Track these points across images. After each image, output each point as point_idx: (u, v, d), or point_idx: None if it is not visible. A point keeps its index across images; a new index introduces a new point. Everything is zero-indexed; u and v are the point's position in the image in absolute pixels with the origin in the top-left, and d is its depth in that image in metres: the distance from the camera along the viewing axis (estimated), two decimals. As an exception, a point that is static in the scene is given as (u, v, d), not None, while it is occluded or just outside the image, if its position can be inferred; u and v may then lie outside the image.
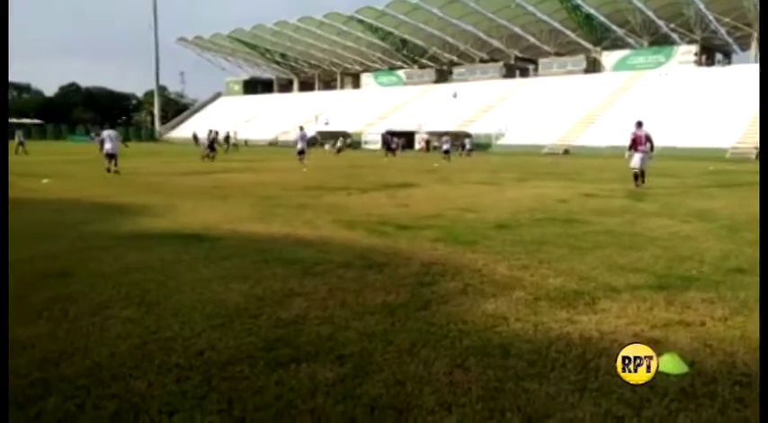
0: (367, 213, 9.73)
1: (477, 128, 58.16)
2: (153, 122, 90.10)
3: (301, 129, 28.53)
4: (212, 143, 28.78)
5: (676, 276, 5.39)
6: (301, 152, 25.61)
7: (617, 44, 67.51)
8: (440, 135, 47.28)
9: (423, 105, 69.76)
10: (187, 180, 16.66)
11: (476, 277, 5.24)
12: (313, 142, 61.18)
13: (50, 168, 20.52)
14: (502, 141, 55.15)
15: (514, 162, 31.62)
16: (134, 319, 3.96)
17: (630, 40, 66.72)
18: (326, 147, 54.97)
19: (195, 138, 59.33)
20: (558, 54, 70.83)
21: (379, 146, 44.75)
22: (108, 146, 19.36)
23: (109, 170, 18.75)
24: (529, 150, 48.39)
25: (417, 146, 57.32)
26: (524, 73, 75.18)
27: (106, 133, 20.07)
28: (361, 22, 75.03)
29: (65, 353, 3.35)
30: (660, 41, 64.24)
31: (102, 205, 10.68)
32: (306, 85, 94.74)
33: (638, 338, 3.70)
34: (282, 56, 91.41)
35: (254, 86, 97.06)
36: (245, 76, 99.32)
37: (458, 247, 6.71)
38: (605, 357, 3.37)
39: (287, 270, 5.43)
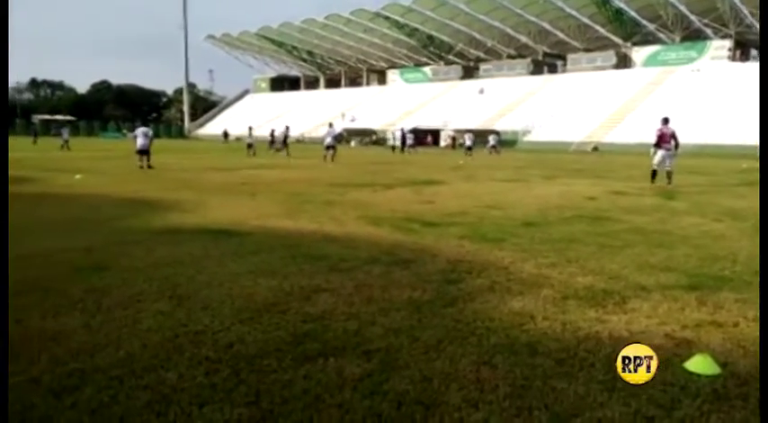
0: (392, 210, 9.74)
1: (503, 124, 57.72)
2: (182, 119, 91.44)
3: (331, 125, 29.14)
4: (285, 139, 29.84)
5: (708, 276, 5.28)
6: (330, 147, 26.06)
7: (648, 39, 66.26)
8: (463, 132, 47.14)
9: (449, 102, 69.48)
10: (216, 176, 16.88)
11: (503, 275, 5.21)
12: (339, 139, 61.65)
13: (84, 164, 20.98)
14: (529, 138, 54.65)
15: (541, 159, 31.30)
16: (165, 312, 4.04)
17: (662, 36, 65.41)
18: (352, 143, 55.17)
19: (225, 135, 60.59)
20: (587, 50, 69.83)
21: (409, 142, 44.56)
22: (139, 143, 19.93)
23: (141, 167, 19.15)
24: (556, 147, 47.85)
25: (443, 143, 57.13)
26: (552, 69, 74.31)
27: (139, 131, 20.68)
28: (387, 18, 75.04)
29: (99, 344, 3.43)
30: (693, 37, 62.84)
31: (133, 200, 10.89)
32: (332, 83, 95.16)
33: (669, 339, 3.65)
34: (309, 53, 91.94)
35: (281, 84, 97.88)
36: (273, 74, 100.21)
37: (484, 244, 6.67)
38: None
39: (314, 266, 5.47)
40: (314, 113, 76.82)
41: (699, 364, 3.15)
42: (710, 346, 3.52)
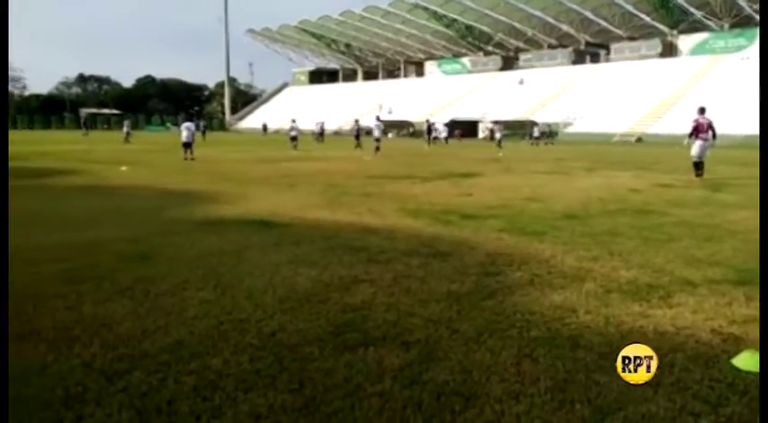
0: (430, 202, 9.72)
1: (543, 116, 56.73)
2: (223, 113, 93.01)
3: (378, 118, 30.65)
4: (358, 133, 31.03)
5: (757, 271, 5.11)
6: (377, 139, 27.60)
7: (695, 27, 63.96)
8: (499, 124, 46.59)
9: (487, 93, 68.68)
10: (256, 168, 17.14)
11: (543, 268, 5.16)
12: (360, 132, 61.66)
13: (129, 157, 21.59)
14: (570, 129, 53.60)
15: (583, 151, 30.68)
16: (210, 301, 4.15)
17: (710, 23, 63.07)
18: (390, 135, 55.14)
19: (264, 128, 61.78)
20: (631, 38, 67.93)
21: (443, 134, 44.45)
22: (184, 136, 21.08)
23: (185, 159, 19.69)
24: (598, 139, 46.79)
25: (481, 134, 56.55)
26: (595, 58, 72.50)
27: (184, 125, 22.13)
28: (425, 9, 74.50)
29: (147, 330, 3.56)
30: (742, 23, 60.32)
31: (177, 192, 11.17)
32: (370, 75, 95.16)
33: (715, 334, 3.56)
34: (347, 46, 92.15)
35: (320, 76, 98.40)
36: (311, 67, 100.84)
37: (524, 237, 6.61)
38: (681, 353, 3.26)
39: (353, 257, 5.52)
40: (352, 106, 77.03)
41: (747, 360, 3.07)
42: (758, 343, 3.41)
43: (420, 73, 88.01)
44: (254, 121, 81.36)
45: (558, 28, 71.24)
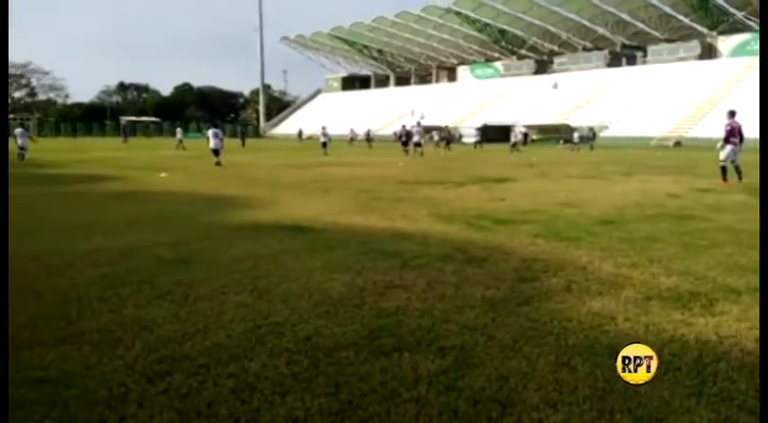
0: (464, 207, 9.68)
1: (578, 120, 55.96)
2: (258, 119, 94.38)
3: (418, 124, 31.54)
4: (407, 138, 31.55)
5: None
6: (418, 144, 28.90)
7: (736, 28, 62.25)
8: (522, 128, 46.19)
9: (520, 98, 68.10)
10: (289, 174, 17.34)
11: (580, 274, 5.08)
12: (410, 136, 61.87)
13: (168, 163, 22.07)
14: (606, 133, 52.68)
15: (619, 155, 30.12)
16: (247, 305, 4.21)
17: (751, 23, 61.27)
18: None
19: (300, 134, 62.94)
20: (668, 40, 66.50)
21: (472, 139, 44.15)
22: (211, 143, 21.17)
23: (217, 163, 20.08)
24: (635, 143, 45.88)
25: (513, 139, 56.04)
26: (631, 61, 71.22)
27: (210, 132, 22.00)
28: (458, 14, 74.40)
29: (187, 333, 3.63)
30: (788, 22, 58.41)
31: (213, 197, 11.38)
32: (402, 80, 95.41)
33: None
34: (379, 52, 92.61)
35: (353, 83, 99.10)
36: (344, 73, 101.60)
37: (560, 242, 6.52)
38: (724, 362, 3.17)
39: (386, 262, 5.53)
40: (384, 111, 77.28)
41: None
42: (810, 354, 3.29)
43: (452, 78, 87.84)
44: (287, 127, 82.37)
45: (594, 30, 70.23)
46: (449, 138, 40.74)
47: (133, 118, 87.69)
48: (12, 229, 7.45)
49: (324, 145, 31.53)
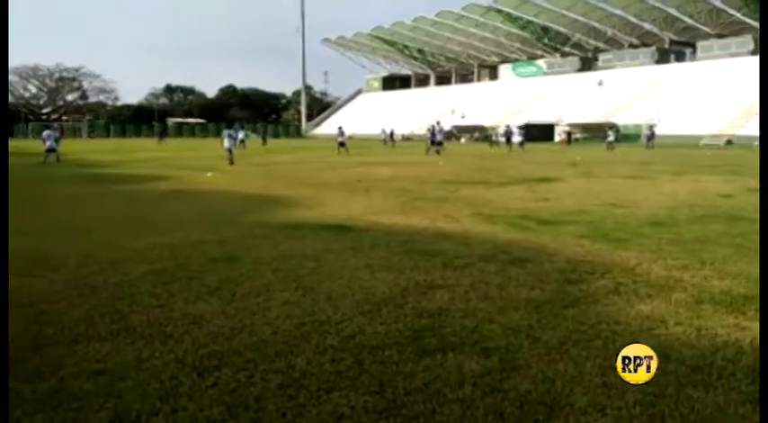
0: (506, 207, 9.57)
1: (624, 118, 54.60)
2: (299, 120, 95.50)
3: (438, 123, 32.24)
4: (509, 136, 32.75)
5: None
6: (440, 143, 29.52)
7: (794, 20, 59.55)
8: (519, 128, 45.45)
9: (564, 96, 66.85)
10: (331, 174, 17.47)
11: (628, 276, 4.96)
12: (448, 136, 61.66)
13: (214, 163, 22.54)
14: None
15: (668, 154, 29.24)
16: (292, 302, 4.28)
17: (811, 15, 58.53)
18: (462, 140, 54.80)
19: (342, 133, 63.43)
20: (719, 35, 64.13)
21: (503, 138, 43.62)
22: (225, 143, 22.55)
23: (231, 162, 20.92)
24: (684, 141, 44.43)
25: (557, 138, 55.09)
26: (680, 57, 68.96)
27: (225, 132, 23.68)
28: (500, 12, 73.51)
29: (234, 329, 3.71)
30: None
31: (258, 196, 11.58)
32: (442, 80, 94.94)
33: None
34: (420, 51, 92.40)
35: (393, 82, 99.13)
36: (384, 73, 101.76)
37: (607, 244, 6.38)
38: (784, 369, 3.04)
39: (429, 262, 5.53)
40: (424, 111, 77.07)
41: None
42: None
43: (494, 76, 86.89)
44: (328, 127, 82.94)
45: (640, 26, 68.34)
46: (508, 134, 40.49)
47: (179, 119, 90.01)
48: (67, 227, 7.77)
49: (341, 144, 32.20)
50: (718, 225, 7.64)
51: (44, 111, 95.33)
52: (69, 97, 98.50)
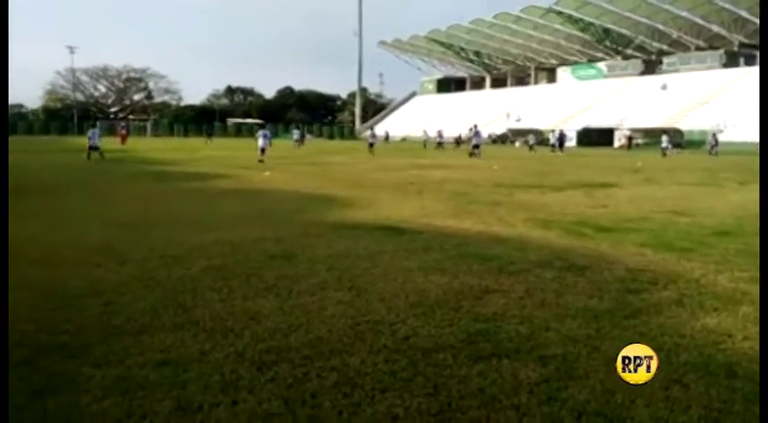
0: (562, 213, 9.38)
1: (689, 123, 52.53)
2: (353, 122, 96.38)
3: (475, 126, 33.87)
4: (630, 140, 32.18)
5: None
6: (476, 146, 30.53)
7: None
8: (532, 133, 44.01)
9: (625, 99, 64.88)
10: (384, 175, 17.56)
11: (693, 288, 4.78)
12: (504, 140, 60.94)
13: (270, 162, 23.04)
14: (721, 138, 48.99)
15: (735, 161, 27.95)
16: (346, 301, 4.33)
17: None
18: (517, 144, 53.96)
19: (387, 137, 64.22)
20: (796, 37, 60.76)
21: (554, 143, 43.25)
22: (260, 142, 24.20)
23: (260, 161, 22.19)
24: (753, 149, 42.31)
25: (617, 143, 53.49)
26: (750, 61, 65.69)
27: (260, 132, 25.21)
28: (560, 13, 72.06)
29: (291, 325, 3.79)
30: None
31: (313, 196, 11.77)
32: (498, 82, 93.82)
33: None
34: (476, 53, 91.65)
35: (448, 85, 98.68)
36: (439, 75, 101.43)
37: (670, 253, 6.16)
38: None
39: (483, 266, 5.48)
40: (479, 114, 76.37)
41: None
42: None
43: (552, 79, 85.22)
44: (382, 129, 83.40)
45: (708, 29, 65.61)
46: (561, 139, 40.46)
47: (239, 120, 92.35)
48: (133, 223, 8.11)
49: (371, 145, 33.54)
50: (792, 237, 7.25)
51: (112, 110, 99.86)
52: (136, 97, 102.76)
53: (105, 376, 3.02)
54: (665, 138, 39.60)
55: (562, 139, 41.49)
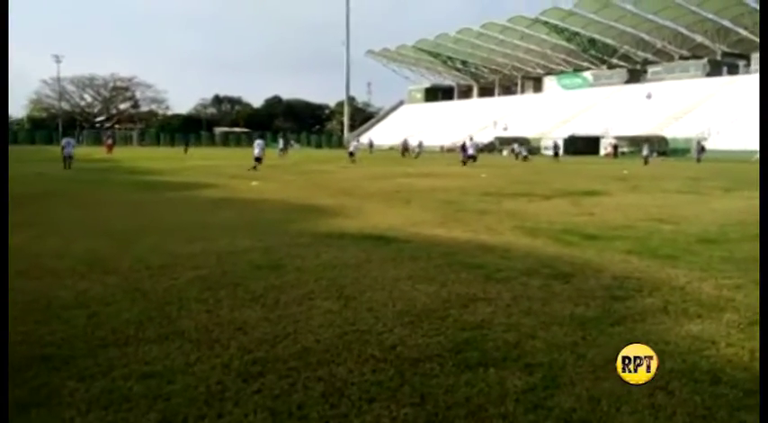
0: (550, 221, 9.44)
1: (673, 131, 53.19)
2: (342, 130, 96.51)
3: (471, 138, 36.32)
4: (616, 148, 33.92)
5: None
6: (472, 157, 32.39)
7: None
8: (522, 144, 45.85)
9: (611, 108, 65.62)
10: (372, 184, 17.57)
11: (677, 295, 4.82)
12: (491, 148, 61.31)
13: (257, 173, 23.00)
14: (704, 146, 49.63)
15: (719, 169, 28.30)
16: (334, 311, 4.32)
17: None
18: (504, 153, 54.30)
19: (371, 145, 64.25)
20: (777, 46, 61.84)
21: (550, 152, 44.45)
22: (256, 151, 25.16)
23: (254, 168, 23.05)
24: (737, 156, 42.91)
25: (603, 151, 54.03)
26: (733, 70, 66.83)
27: (256, 142, 26.55)
28: (546, 23, 72.90)
29: (278, 336, 3.77)
30: None
31: (301, 206, 11.74)
32: (485, 91, 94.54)
33: None
34: (463, 63, 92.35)
35: (435, 94, 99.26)
36: (427, 84, 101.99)
37: (655, 261, 6.21)
38: None
39: (470, 274, 5.50)
40: (466, 123, 76.78)
41: None
42: None
43: (538, 88, 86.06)
44: (368, 138, 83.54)
45: (691, 38, 66.69)
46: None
47: (226, 129, 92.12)
48: (120, 232, 8.05)
49: (351, 154, 34.91)
50: (774, 244, 7.34)
51: (98, 119, 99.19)
52: (122, 106, 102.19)
53: (90, 389, 2.99)
54: (646, 146, 40.41)
55: (557, 148, 43.39)
